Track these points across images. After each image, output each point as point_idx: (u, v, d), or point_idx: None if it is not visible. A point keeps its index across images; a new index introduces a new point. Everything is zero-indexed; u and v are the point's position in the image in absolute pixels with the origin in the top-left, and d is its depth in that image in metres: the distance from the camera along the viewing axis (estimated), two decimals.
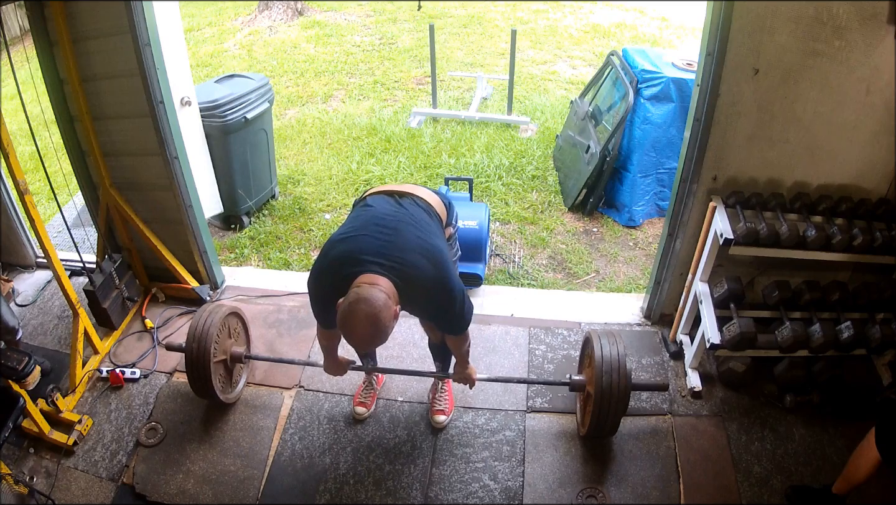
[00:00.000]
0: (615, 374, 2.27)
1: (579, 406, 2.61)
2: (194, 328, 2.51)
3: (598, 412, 2.30)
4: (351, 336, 1.73)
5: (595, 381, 2.28)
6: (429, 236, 1.93)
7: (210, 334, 2.49)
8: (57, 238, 3.71)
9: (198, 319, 2.55)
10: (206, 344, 2.48)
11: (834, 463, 2.41)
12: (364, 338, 1.73)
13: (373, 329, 1.70)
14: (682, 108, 3.71)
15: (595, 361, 2.31)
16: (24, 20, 5.75)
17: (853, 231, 2.41)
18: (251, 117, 3.72)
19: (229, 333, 2.67)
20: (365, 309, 1.68)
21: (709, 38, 2.30)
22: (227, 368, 2.67)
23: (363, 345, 1.79)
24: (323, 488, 2.42)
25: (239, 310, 2.74)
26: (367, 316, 1.68)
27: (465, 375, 2.41)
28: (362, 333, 1.71)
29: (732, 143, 2.48)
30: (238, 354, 2.68)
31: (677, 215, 2.72)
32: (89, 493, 2.43)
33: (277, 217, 4.18)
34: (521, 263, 3.73)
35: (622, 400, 2.28)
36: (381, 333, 1.72)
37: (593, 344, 2.36)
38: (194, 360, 2.49)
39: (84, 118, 2.77)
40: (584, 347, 2.59)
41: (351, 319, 1.70)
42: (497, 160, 4.69)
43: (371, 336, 1.72)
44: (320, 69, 6.72)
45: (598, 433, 2.43)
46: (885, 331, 2.32)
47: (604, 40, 7.38)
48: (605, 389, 2.26)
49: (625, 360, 2.29)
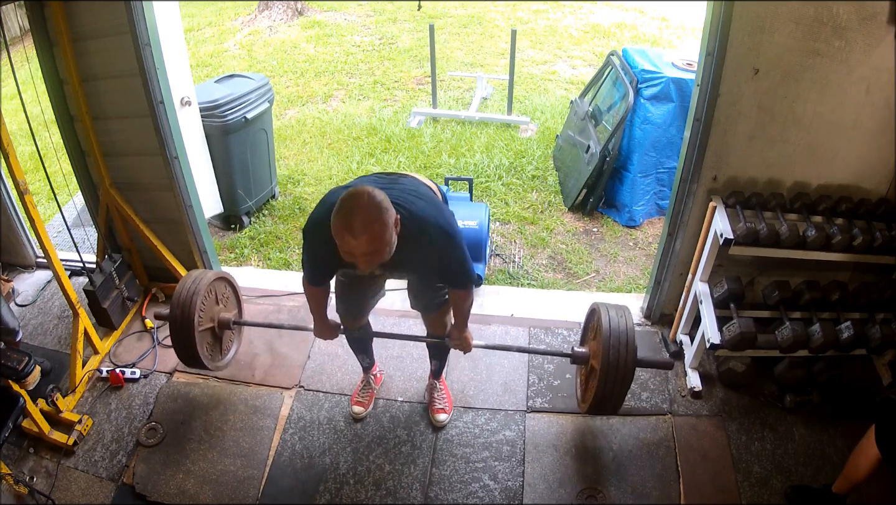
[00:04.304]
0: (623, 347, 2.13)
1: (579, 381, 2.52)
2: (178, 294, 2.39)
3: (603, 387, 2.17)
4: (348, 225, 1.55)
5: (602, 353, 2.16)
6: (427, 191, 1.95)
7: (194, 302, 2.36)
8: (57, 238, 3.71)
9: (182, 285, 2.42)
10: (190, 311, 2.36)
11: (834, 463, 2.41)
12: (364, 226, 1.55)
13: (373, 217, 1.55)
14: (682, 108, 3.71)
15: (602, 333, 2.18)
16: (24, 20, 5.76)
17: (853, 231, 2.41)
18: (251, 117, 3.72)
19: (217, 299, 2.57)
20: (364, 195, 1.56)
21: (709, 38, 2.30)
22: (214, 336, 2.57)
23: (360, 238, 1.57)
24: (323, 488, 2.42)
25: (228, 276, 2.64)
26: (368, 202, 1.55)
27: (462, 339, 2.29)
28: (362, 220, 1.55)
29: (732, 143, 2.48)
30: (225, 319, 2.56)
31: (677, 215, 2.72)
32: (89, 493, 2.43)
33: (277, 217, 4.18)
34: (521, 262, 3.73)
35: (628, 375, 2.16)
36: (382, 227, 1.58)
37: (600, 315, 2.22)
38: (178, 327, 2.37)
39: (84, 118, 2.77)
40: (588, 318, 2.46)
41: (349, 201, 1.56)
42: (497, 160, 4.69)
43: (370, 226, 1.56)
44: (320, 69, 6.72)
45: (600, 409, 2.31)
46: (885, 331, 2.32)
47: (604, 40, 7.38)
48: (611, 362, 2.13)
49: (633, 333, 2.18)
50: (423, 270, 2.02)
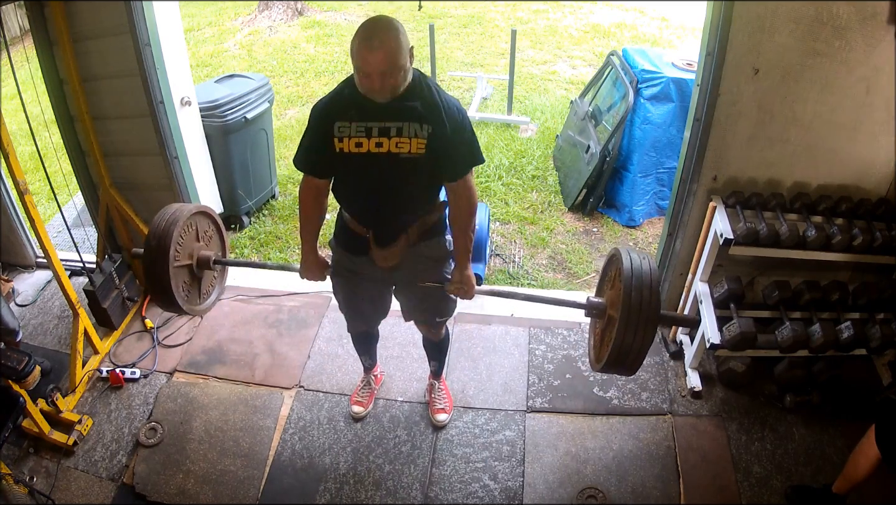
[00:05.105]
0: (646, 290, 1.83)
1: (593, 339, 2.21)
2: (156, 225, 2.13)
3: (623, 338, 1.85)
4: (366, 41, 1.66)
5: (623, 297, 1.85)
6: None
7: (171, 232, 2.09)
8: (57, 238, 3.70)
9: (160, 216, 2.15)
10: (166, 243, 2.08)
11: (834, 463, 2.41)
12: (382, 41, 1.66)
13: (391, 34, 1.67)
14: (682, 108, 3.71)
15: (623, 275, 1.87)
16: (24, 20, 5.76)
17: (853, 231, 2.41)
18: (251, 117, 3.72)
19: (197, 235, 2.29)
20: (384, 18, 1.71)
21: (709, 38, 2.31)
22: (192, 275, 2.28)
23: (376, 57, 1.66)
24: (323, 488, 2.42)
25: (210, 210, 2.37)
26: (387, 22, 1.69)
27: (464, 279, 2.01)
28: (381, 36, 1.66)
29: (732, 143, 2.48)
30: (205, 257, 2.27)
31: (677, 215, 2.72)
32: (89, 493, 2.43)
33: (277, 217, 4.18)
34: (521, 263, 3.73)
35: (650, 325, 1.85)
36: (397, 44, 1.67)
37: (622, 258, 1.91)
38: (151, 260, 2.09)
39: (84, 118, 2.77)
40: (606, 266, 2.13)
41: (368, 23, 1.70)
42: (497, 160, 4.69)
43: (386, 42, 1.66)
44: (320, 69, 6.72)
45: (617, 367, 1.98)
46: (885, 331, 2.32)
47: (604, 40, 7.38)
48: (633, 307, 1.82)
49: (658, 280, 1.90)
50: (431, 122, 1.80)
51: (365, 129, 1.80)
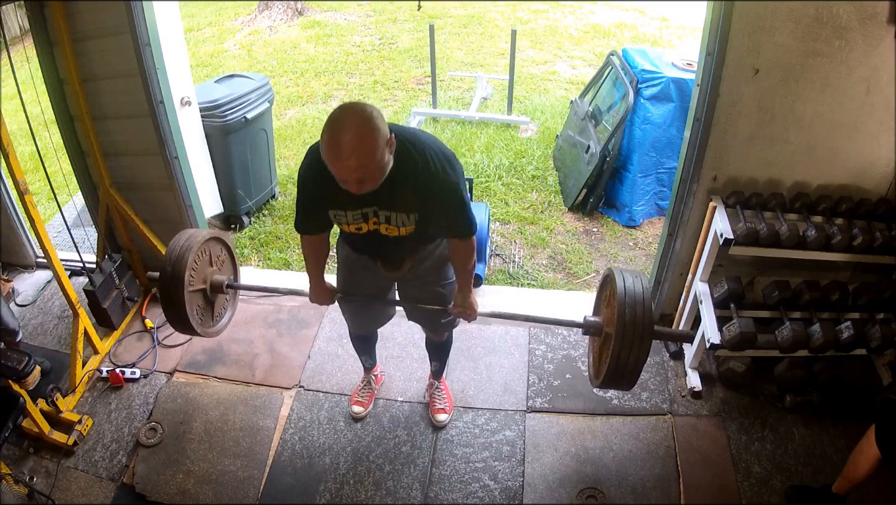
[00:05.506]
0: (639, 308, 1.96)
1: (592, 356, 2.36)
2: (170, 252, 2.25)
3: (618, 355, 1.98)
4: (337, 140, 1.50)
5: (617, 316, 1.98)
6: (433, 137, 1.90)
7: (186, 259, 2.22)
8: (57, 238, 3.70)
9: (175, 242, 2.28)
10: (181, 269, 2.20)
11: (834, 463, 2.41)
12: (352, 143, 1.49)
13: (363, 131, 1.49)
14: (682, 108, 3.71)
15: (617, 295, 2.01)
16: (24, 20, 5.74)
17: (853, 231, 2.41)
18: (251, 117, 3.72)
19: (211, 260, 2.42)
20: (357, 105, 1.51)
21: (709, 38, 2.31)
22: (206, 299, 2.41)
23: (349, 150, 1.51)
24: (323, 488, 2.42)
25: (223, 235, 2.50)
26: (360, 116, 1.50)
27: (467, 305, 2.11)
28: (351, 136, 1.48)
29: (732, 143, 2.48)
30: (219, 282, 2.40)
31: (677, 215, 2.72)
32: (89, 493, 2.43)
33: (277, 217, 4.18)
34: (521, 262, 3.73)
35: (645, 341, 1.98)
36: (373, 136, 1.50)
37: (615, 279, 2.05)
38: (167, 285, 2.22)
39: (84, 118, 2.77)
40: (602, 286, 2.28)
41: (339, 115, 1.51)
42: (497, 160, 4.68)
43: (360, 141, 1.49)
44: (320, 69, 6.72)
45: (616, 382, 2.13)
46: (885, 331, 2.32)
47: (604, 40, 7.38)
48: (627, 326, 1.96)
49: (650, 296, 2.03)
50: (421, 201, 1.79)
51: (361, 214, 1.82)
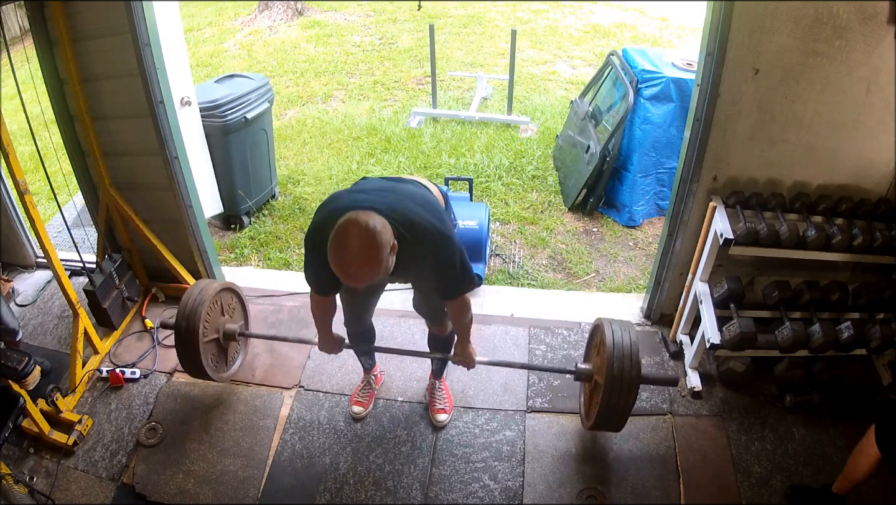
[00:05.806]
0: (627, 360, 2.13)
1: (583, 398, 2.53)
2: (184, 305, 2.41)
3: (607, 402, 2.17)
4: (342, 258, 1.57)
5: (605, 368, 2.16)
6: (427, 196, 1.94)
7: (199, 312, 2.38)
8: (57, 238, 3.70)
9: (188, 295, 2.44)
10: (195, 322, 2.38)
11: (834, 463, 2.41)
12: (356, 258, 1.56)
13: (367, 244, 1.55)
14: (682, 108, 3.71)
15: (606, 347, 2.18)
16: (24, 20, 5.74)
17: (853, 231, 2.41)
18: (251, 117, 3.72)
19: (222, 309, 2.58)
20: (360, 222, 1.56)
21: (709, 38, 2.31)
22: (219, 347, 2.59)
23: (355, 269, 1.59)
24: (323, 488, 2.42)
25: (233, 286, 2.64)
26: (363, 230, 1.55)
27: (465, 355, 2.27)
28: (355, 250, 1.55)
29: (732, 143, 2.48)
30: (231, 331, 2.57)
31: (677, 215, 2.72)
32: (89, 493, 2.43)
33: (277, 217, 4.18)
34: (521, 262, 3.73)
35: (632, 390, 2.16)
36: (377, 254, 1.57)
37: (604, 330, 2.23)
38: (183, 338, 2.40)
39: (84, 118, 2.77)
40: (592, 335, 2.47)
41: (343, 233, 1.56)
42: (497, 160, 4.69)
43: (364, 255, 1.56)
44: (320, 69, 6.72)
45: (605, 426, 2.32)
46: (885, 331, 2.33)
47: (604, 40, 7.38)
48: (615, 377, 2.13)
49: (637, 348, 2.19)
50: (418, 274, 2.00)
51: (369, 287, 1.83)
